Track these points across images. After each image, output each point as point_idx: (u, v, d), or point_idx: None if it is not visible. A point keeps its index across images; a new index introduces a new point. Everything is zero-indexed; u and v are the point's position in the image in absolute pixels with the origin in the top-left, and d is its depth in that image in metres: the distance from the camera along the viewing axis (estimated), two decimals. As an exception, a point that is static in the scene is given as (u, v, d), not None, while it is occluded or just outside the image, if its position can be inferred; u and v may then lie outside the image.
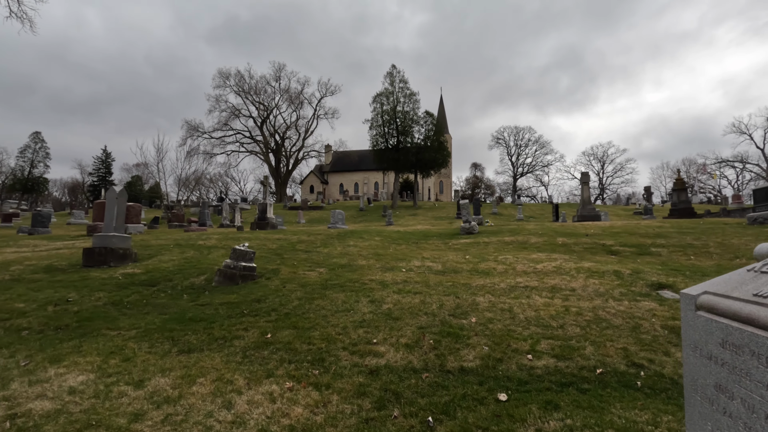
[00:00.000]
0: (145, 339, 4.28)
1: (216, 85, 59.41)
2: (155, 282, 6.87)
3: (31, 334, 4.58)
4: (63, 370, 3.48)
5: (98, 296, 6.03)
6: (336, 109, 62.53)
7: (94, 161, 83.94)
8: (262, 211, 15.30)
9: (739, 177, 70.69)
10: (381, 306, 5.15)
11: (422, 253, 9.11)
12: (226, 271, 6.52)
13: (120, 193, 8.57)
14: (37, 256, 9.45)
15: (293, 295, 5.75)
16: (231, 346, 4.08)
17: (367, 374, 3.48)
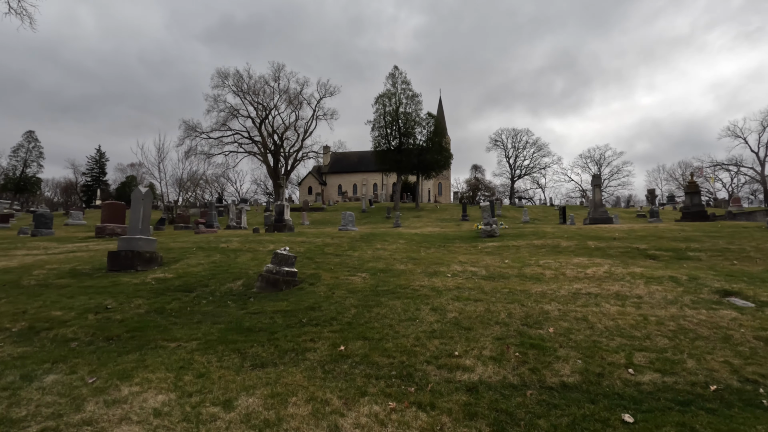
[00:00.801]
0: (210, 351, 3.99)
1: (215, 85, 58.60)
2: (191, 288, 6.57)
3: (81, 345, 4.27)
4: (137, 389, 3.20)
5: (137, 303, 5.72)
6: (335, 110, 62.10)
7: (88, 161, 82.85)
8: (280, 213, 14.98)
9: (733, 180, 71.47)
10: (445, 314, 4.91)
11: (457, 257, 8.87)
12: (269, 276, 6.24)
13: (146, 194, 8.24)
14: (55, 259, 9.08)
15: (346, 302, 5.48)
16: (305, 360, 3.81)
17: (465, 391, 3.24)
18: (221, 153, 60.72)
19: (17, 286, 6.77)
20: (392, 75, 43.05)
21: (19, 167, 62.77)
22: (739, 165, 66.16)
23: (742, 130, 62.11)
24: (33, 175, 64.39)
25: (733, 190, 72.93)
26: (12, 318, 5.14)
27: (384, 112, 41.53)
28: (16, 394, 3.12)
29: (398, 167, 41.70)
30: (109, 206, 15.63)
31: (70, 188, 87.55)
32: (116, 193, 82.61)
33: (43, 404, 2.97)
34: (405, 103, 41.88)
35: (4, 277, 7.33)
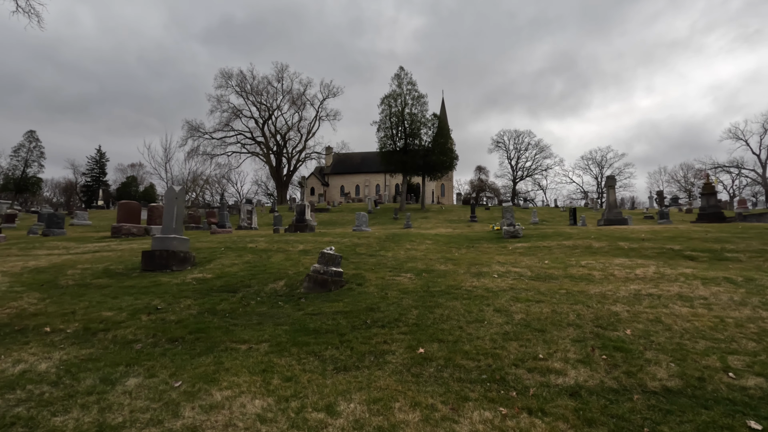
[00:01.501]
0: (285, 354, 3.85)
1: (218, 85, 58.59)
2: (234, 288, 6.42)
3: (146, 347, 4.13)
4: (228, 393, 3.06)
5: (186, 304, 5.58)
6: (338, 111, 62.23)
7: (88, 161, 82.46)
8: (301, 213, 14.83)
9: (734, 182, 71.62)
10: (512, 316, 4.78)
11: (492, 257, 8.75)
12: (316, 276, 6.10)
13: (179, 192, 8.09)
14: (84, 259, 8.92)
15: (404, 303, 5.35)
16: (387, 363, 3.68)
17: (568, 396, 3.11)
18: (224, 153, 60.56)
19: (56, 286, 6.61)
20: (398, 76, 42.97)
21: (20, 167, 62.32)
22: (741, 167, 66.38)
23: (743, 132, 62.35)
24: (34, 175, 63.93)
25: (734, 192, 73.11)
26: (62, 319, 4.98)
27: (390, 112, 41.43)
28: (104, 399, 2.98)
29: (404, 168, 41.58)
30: (125, 206, 15.45)
31: (70, 188, 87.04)
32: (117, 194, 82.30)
33: (137, 410, 2.83)
34: (411, 104, 41.79)
35: (40, 277, 7.16)
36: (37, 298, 5.80)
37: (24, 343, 4.30)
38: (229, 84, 57.92)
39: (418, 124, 41.29)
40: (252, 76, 59.11)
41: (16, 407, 2.90)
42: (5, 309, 5.35)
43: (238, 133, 60.34)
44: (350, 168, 68.10)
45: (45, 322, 4.89)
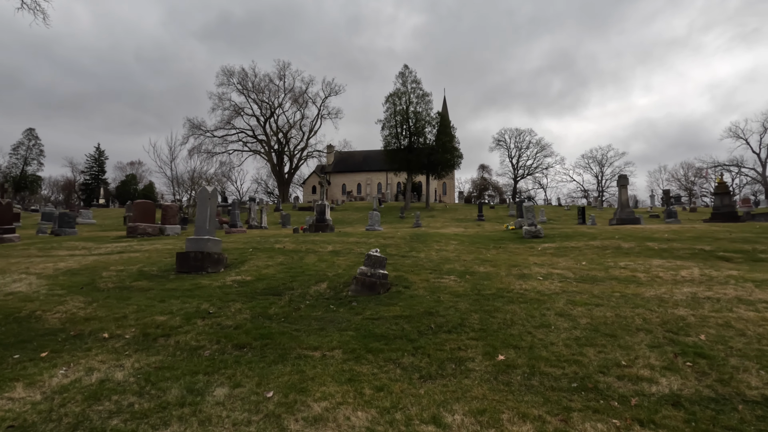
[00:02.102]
0: (363, 361, 3.77)
1: (220, 83, 58.27)
2: (278, 291, 6.33)
3: (215, 354, 4.03)
4: (326, 404, 2.97)
5: (236, 308, 5.48)
6: (340, 109, 61.95)
7: (87, 159, 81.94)
8: (321, 213, 14.71)
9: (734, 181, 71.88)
10: (577, 321, 4.71)
11: (526, 258, 8.68)
12: (364, 279, 6.01)
13: (212, 193, 7.98)
14: (113, 260, 8.79)
15: (460, 307, 5.27)
16: (470, 370, 3.60)
17: (671, 406, 3.04)
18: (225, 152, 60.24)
19: (96, 288, 6.49)
20: (402, 74, 42.85)
21: (19, 165, 61.84)
22: (740, 166, 66.68)
23: (743, 131, 62.60)
24: (33, 173, 63.45)
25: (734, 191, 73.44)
26: (117, 324, 4.88)
27: (395, 111, 41.30)
28: (200, 411, 2.89)
29: (408, 167, 41.51)
30: (140, 206, 15.30)
31: (68, 187, 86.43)
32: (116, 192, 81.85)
33: (239, 422, 2.74)
34: (415, 103, 41.69)
35: (76, 279, 7.04)
36: (83, 302, 5.69)
37: (86, 349, 4.20)
38: (230, 82, 57.59)
39: (422, 123, 41.21)
40: (254, 74, 58.80)
41: (110, 419, 2.81)
42: (54, 313, 5.24)
43: (240, 131, 60.07)
44: (352, 166, 67.91)
45: (100, 327, 4.79)
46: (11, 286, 6.56)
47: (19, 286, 6.57)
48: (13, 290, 6.36)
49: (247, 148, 61.09)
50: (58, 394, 3.19)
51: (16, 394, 3.20)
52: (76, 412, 2.92)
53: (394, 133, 41.32)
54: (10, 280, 6.95)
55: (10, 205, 14.35)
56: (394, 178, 65.99)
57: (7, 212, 14.10)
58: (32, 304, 5.59)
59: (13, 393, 3.21)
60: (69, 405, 3.01)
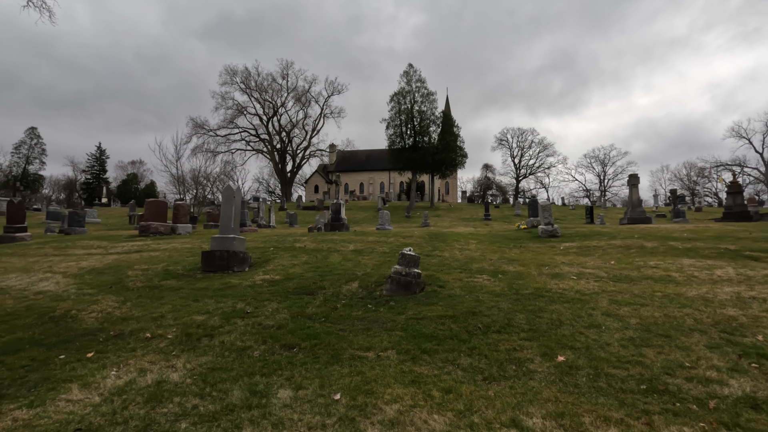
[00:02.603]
0: (422, 363, 3.68)
1: (223, 82, 58.15)
2: (309, 291, 6.24)
3: (265, 355, 3.94)
4: (397, 406, 2.88)
5: (273, 307, 5.39)
6: (342, 108, 61.76)
7: (88, 158, 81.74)
8: (336, 212, 14.62)
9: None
10: (626, 321, 4.63)
11: (553, 258, 8.59)
12: (399, 278, 5.92)
13: (236, 191, 7.88)
14: (133, 259, 8.70)
15: (503, 307, 5.18)
16: (533, 372, 3.51)
17: (751, 408, 2.96)
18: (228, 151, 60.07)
19: (125, 288, 6.40)
20: (407, 73, 42.74)
21: (21, 164, 61.64)
22: (743, 165, 66.66)
23: (746, 131, 62.58)
24: (35, 172, 63.26)
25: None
26: (155, 323, 4.79)
27: (399, 110, 41.20)
28: (270, 414, 2.80)
29: (413, 166, 41.39)
30: (152, 204, 15.19)
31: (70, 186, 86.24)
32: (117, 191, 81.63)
33: (314, 426, 2.65)
34: (420, 102, 41.59)
35: (102, 278, 6.95)
36: (116, 301, 5.60)
37: (131, 349, 4.11)
38: (234, 81, 57.44)
39: (427, 122, 41.12)
40: (257, 73, 58.64)
41: (177, 422, 2.72)
42: (90, 313, 5.15)
43: (243, 130, 59.91)
44: (355, 166, 67.80)
45: (139, 327, 4.70)
46: (39, 285, 6.47)
47: (47, 285, 6.48)
48: (41, 289, 6.27)
49: (250, 147, 60.95)
50: (116, 395, 3.11)
51: (73, 395, 3.11)
52: (141, 414, 2.83)
53: (399, 132, 41.21)
54: (36, 279, 6.86)
55: (21, 203, 14.24)
56: (397, 178, 65.91)
57: (19, 211, 13.99)
58: (65, 304, 5.50)
59: (70, 395, 3.12)
60: (131, 407, 2.92)
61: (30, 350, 4.06)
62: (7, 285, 6.55)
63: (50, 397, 3.08)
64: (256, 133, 60.76)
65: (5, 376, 3.48)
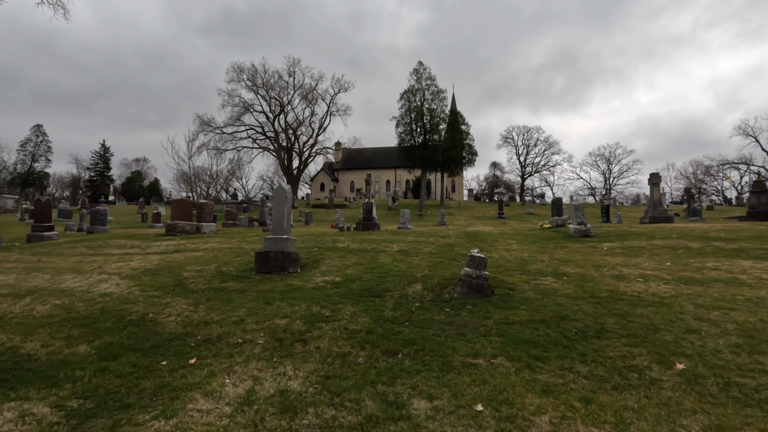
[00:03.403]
0: (539, 370, 3.59)
1: (230, 79, 57.81)
2: (375, 293, 6.15)
3: (370, 361, 3.85)
4: (547, 418, 2.80)
5: (350, 310, 5.29)
6: (349, 106, 61.65)
7: (92, 156, 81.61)
8: (368, 211, 14.52)
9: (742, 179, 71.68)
10: (721, 326, 4.53)
11: (605, 259, 8.49)
12: (470, 281, 5.83)
13: (289, 191, 7.78)
14: (180, 260, 8.61)
15: (586, 310, 5.09)
16: (657, 381, 3.41)
17: None
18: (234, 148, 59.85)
19: (188, 290, 6.31)
20: (416, 70, 42.55)
21: (27, 161, 61.46)
22: (749, 164, 66.53)
23: (753, 129, 62.41)
24: (41, 170, 63.09)
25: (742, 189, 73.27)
26: (238, 327, 4.69)
27: (409, 108, 41.05)
28: (419, 426, 2.71)
29: (423, 164, 41.26)
30: (179, 203, 15.10)
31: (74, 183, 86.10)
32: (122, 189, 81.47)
33: (474, 440, 2.56)
34: (430, 99, 41.44)
35: (160, 279, 6.86)
36: (187, 304, 5.50)
37: (228, 355, 4.02)
38: (240, 78, 57.19)
39: (437, 120, 40.97)
40: (264, 70, 58.36)
41: (327, 436, 2.63)
42: (167, 316, 5.06)
43: (249, 128, 59.67)
44: (360, 164, 67.65)
45: (225, 331, 4.61)
46: (100, 287, 6.38)
47: (108, 287, 6.39)
48: (104, 291, 6.17)
49: (257, 144, 60.74)
50: (245, 405, 3.02)
51: (200, 405, 3.02)
52: (284, 426, 2.74)
53: (409, 130, 41.06)
54: (94, 280, 6.77)
55: (49, 203, 14.13)
56: (403, 176, 65.78)
57: (46, 210, 13.89)
58: (137, 307, 5.41)
59: (197, 404, 3.04)
60: (269, 419, 2.83)
61: (127, 356, 3.97)
62: (67, 287, 6.46)
63: (178, 407, 2.99)
64: (262, 131, 60.55)
65: (117, 383, 3.39)
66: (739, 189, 72.83)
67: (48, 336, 4.45)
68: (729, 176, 57.91)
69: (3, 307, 5.44)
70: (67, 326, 4.75)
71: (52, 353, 4.00)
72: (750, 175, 68.84)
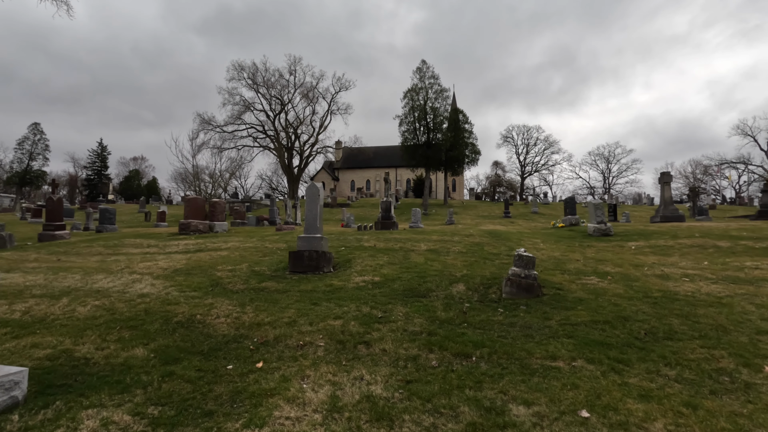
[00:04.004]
0: (624, 374, 3.45)
1: (231, 78, 57.44)
2: (418, 293, 6.01)
3: (443, 364, 3.71)
4: (661, 425, 2.67)
5: (402, 311, 5.15)
6: (349, 105, 61.28)
7: (90, 154, 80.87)
8: (387, 210, 14.37)
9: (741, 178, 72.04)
10: (792, 326, 4.43)
11: (639, 258, 8.39)
12: (519, 281, 5.70)
13: (320, 189, 7.62)
14: (206, 259, 8.42)
15: (646, 311, 4.97)
16: (753, 384, 3.29)
17: None
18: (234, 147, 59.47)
19: (228, 290, 6.14)
20: (419, 69, 42.44)
21: (25, 160, 60.78)
22: (747, 163, 66.90)
23: (751, 128, 62.72)
24: (39, 168, 62.41)
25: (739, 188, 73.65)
26: (294, 329, 4.54)
27: (413, 106, 40.93)
28: (531, 435, 2.57)
29: (427, 163, 41.16)
30: (192, 202, 14.89)
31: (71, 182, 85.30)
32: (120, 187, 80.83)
33: (595, 449, 2.42)
34: (433, 98, 41.34)
35: (194, 279, 6.68)
36: (232, 305, 5.34)
37: (292, 358, 3.87)
38: (241, 76, 56.85)
39: (440, 119, 40.87)
40: (265, 69, 58.05)
41: (435, 445, 2.49)
42: (215, 318, 4.89)
43: (250, 127, 59.35)
44: (361, 163, 67.48)
45: (280, 333, 4.45)
46: (135, 287, 6.20)
47: (143, 287, 6.21)
48: (141, 291, 5.99)
49: (257, 143, 60.43)
50: (335, 412, 2.87)
51: (287, 412, 2.87)
52: (386, 435, 2.59)
53: (413, 129, 40.96)
54: (126, 280, 6.59)
55: (61, 201, 13.88)
56: (404, 175, 65.67)
57: (58, 209, 13.64)
58: (180, 308, 5.24)
59: (283, 411, 2.88)
60: (366, 427, 2.69)
61: (188, 359, 3.80)
62: (102, 287, 6.27)
63: (265, 414, 2.83)
64: (263, 129, 60.24)
65: (189, 389, 3.23)
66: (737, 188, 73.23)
67: (99, 338, 4.28)
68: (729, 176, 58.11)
69: (42, 308, 5.26)
70: (115, 328, 4.57)
71: (110, 356, 3.83)
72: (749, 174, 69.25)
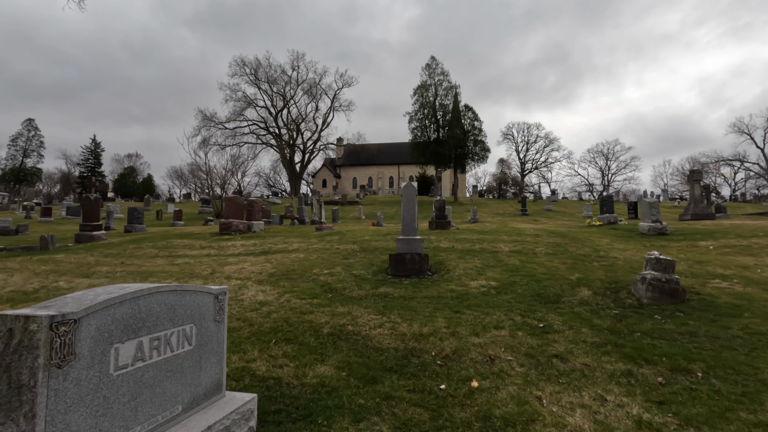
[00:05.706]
0: None
1: (233, 74, 56.50)
2: (546, 298, 5.71)
3: (667, 380, 3.40)
4: None
5: (557, 320, 4.84)
6: (352, 101, 60.78)
7: (83, 151, 79.15)
8: (441, 209, 14.02)
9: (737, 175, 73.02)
10: None
11: (732, 258, 8.19)
12: (662, 285, 5.43)
13: (415, 189, 7.26)
14: (289, 262, 8.02)
15: (818, 317, 4.74)
16: None
17: None
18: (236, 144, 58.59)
19: (346, 297, 5.75)
20: (429, 65, 42.17)
21: (18, 157, 59.19)
22: (743, 161, 67.87)
23: (747, 126, 63.59)
24: (33, 165, 60.82)
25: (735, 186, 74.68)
26: (463, 341, 4.20)
27: (423, 103, 40.63)
28: None
29: (437, 160, 40.91)
30: (233, 201, 14.40)
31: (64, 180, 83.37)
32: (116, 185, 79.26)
33: None
34: (442, 95, 41.08)
35: (300, 285, 6.29)
36: (369, 313, 4.97)
37: (496, 375, 3.53)
38: (243, 72, 55.95)
39: (449, 116, 40.62)
40: (268, 64, 57.21)
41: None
42: (370, 329, 4.52)
43: (252, 123, 58.51)
44: (363, 160, 66.98)
45: (456, 346, 4.11)
46: (246, 294, 5.80)
47: (253, 294, 5.81)
48: (256, 299, 5.59)
49: (260, 140, 59.61)
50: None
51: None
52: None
53: (422, 126, 40.66)
54: (231, 286, 6.17)
55: (98, 201, 13.29)
56: (406, 172, 65.40)
57: (95, 209, 13.06)
58: (318, 317, 4.87)
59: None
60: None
61: (388, 379, 3.44)
62: (211, 294, 5.86)
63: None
64: (265, 126, 59.44)
65: (425, 415, 2.88)
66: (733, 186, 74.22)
67: (263, 353, 3.89)
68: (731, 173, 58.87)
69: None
70: (267, 341, 4.19)
71: (299, 376, 3.45)
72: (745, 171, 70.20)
